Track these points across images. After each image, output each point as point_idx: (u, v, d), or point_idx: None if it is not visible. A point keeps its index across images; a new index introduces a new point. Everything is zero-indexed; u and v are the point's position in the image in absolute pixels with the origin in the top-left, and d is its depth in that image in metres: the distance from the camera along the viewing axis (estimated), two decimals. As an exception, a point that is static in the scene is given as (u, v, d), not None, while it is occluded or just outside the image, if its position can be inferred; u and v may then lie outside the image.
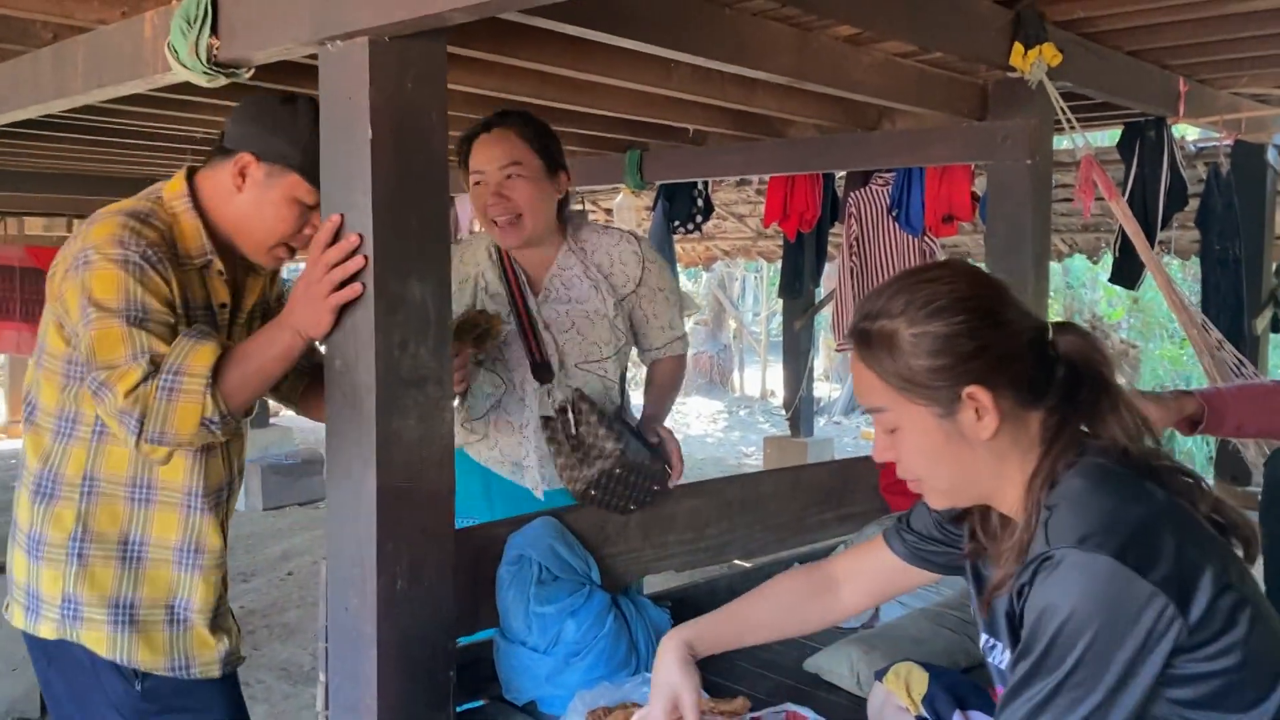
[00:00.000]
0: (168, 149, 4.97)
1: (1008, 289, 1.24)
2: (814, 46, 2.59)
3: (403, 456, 1.63)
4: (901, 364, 1.17)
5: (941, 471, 1.22)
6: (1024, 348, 1.19)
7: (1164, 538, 1.09)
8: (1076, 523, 1.11)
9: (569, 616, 1.89)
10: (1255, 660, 1.10)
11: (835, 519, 2.72)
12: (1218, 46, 3.27)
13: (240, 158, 1.74)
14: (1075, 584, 1.07)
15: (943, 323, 1.16)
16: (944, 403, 1.17)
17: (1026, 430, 1.20)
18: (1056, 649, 1.07)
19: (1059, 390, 1.21)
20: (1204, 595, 1.07)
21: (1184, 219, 4.99)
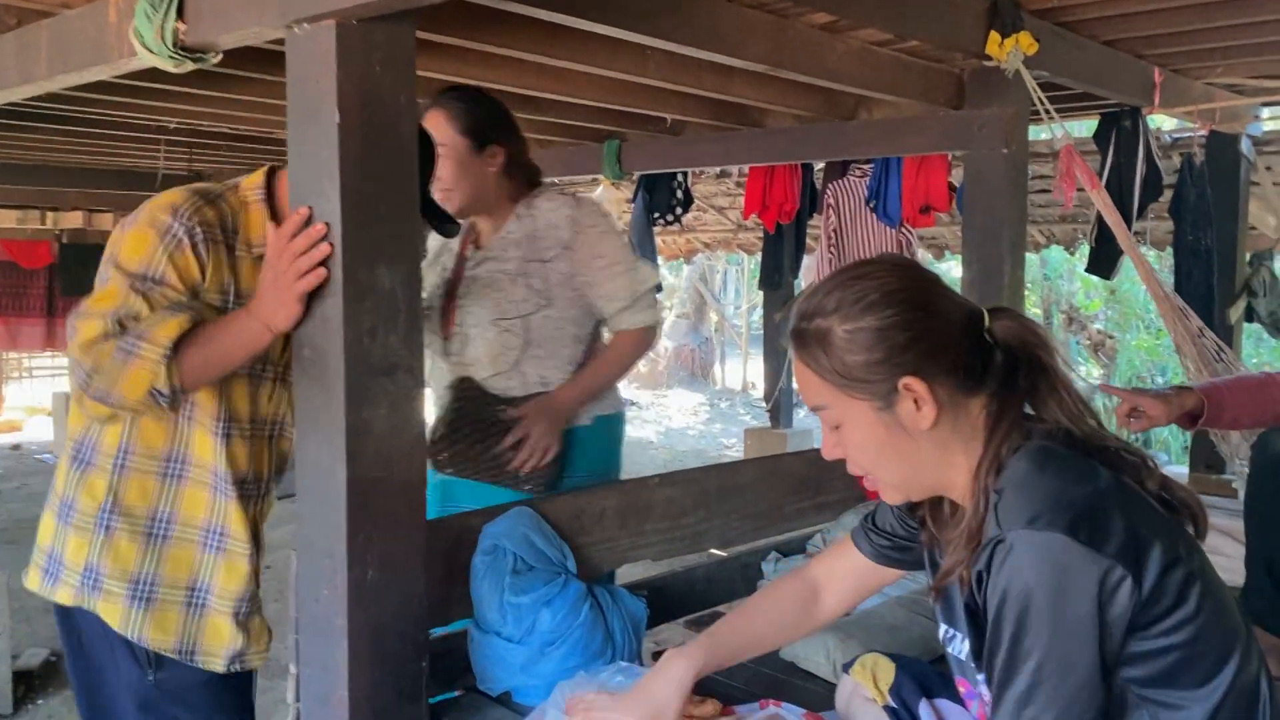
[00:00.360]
0: (141, 140, 4.92)
1: (939, 280, 1.25)
2: (790, 34, 2.57)
3: (374, 446, 1.61)
4: (837, 361, 1.19)
5: (888, 465, 1.24)
6: (958, 336, 1.20)
7: (1112, 513, 1.10)
8: (1025, 504, 1.11)
9: (544, 606, 1.88)
10: (1206, 636, 1.11)
11: (812, 507, 2.72)
12: (1192, 36, 3.28)
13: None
14: (1031, 565, 1.07)
15: (874, 317, 1.18)
16: (882, 396, 1.18)
17: (968, 417, 1.22)
18: (1027, 635, 1.08)
19: (997, 376, 1.22)
20: (1154, 568, 1.09)
21: (1159, 210, 5.01)
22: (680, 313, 14.99)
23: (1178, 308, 3.22)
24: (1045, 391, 1.22)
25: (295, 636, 1.69)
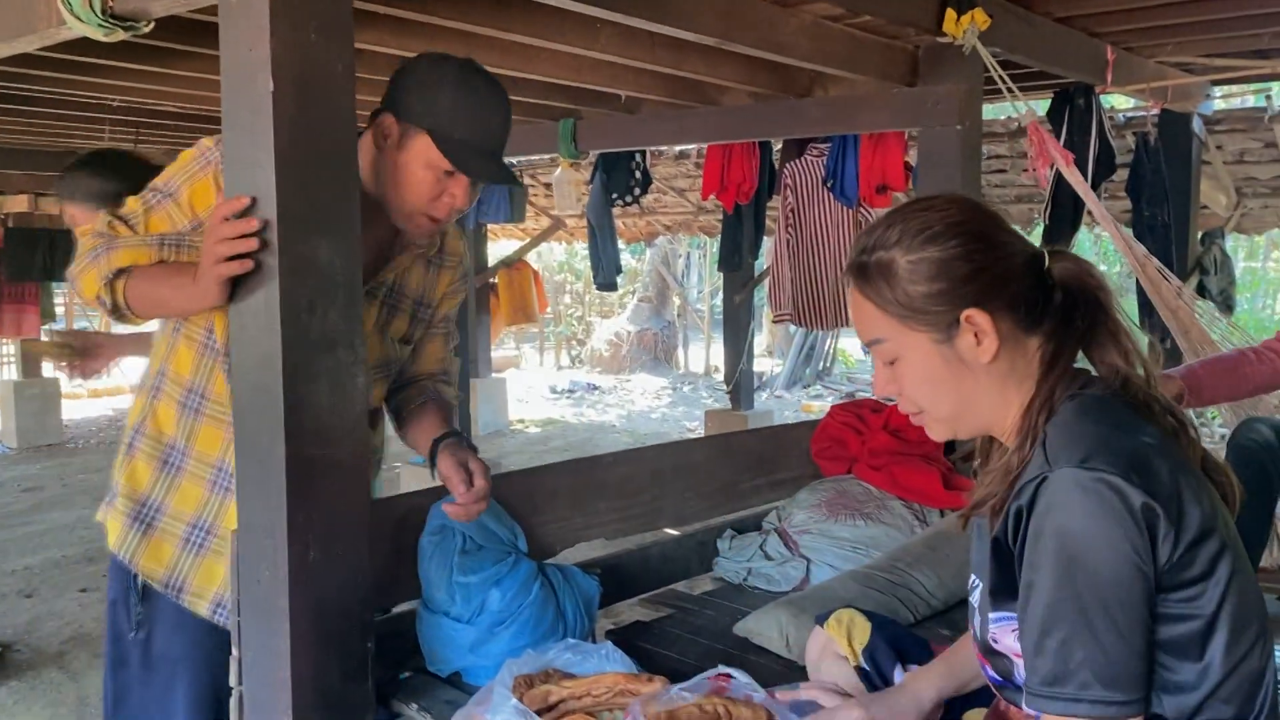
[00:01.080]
0: (85, 119, 4.81)
1: (1001, 217, 1.23)
2: (742, 7, 2.55)
3: (313, 424, 1.58)
4: (899, 291, 1.18)
5: (943, 399, 1.21)
6: (1020, 271, 1.18)
7: (1161, 466, 1.08)
8: (1076, 445, 1.09)
9: (493, 585, 1.85)
10: (1228, 613, 1.09)
11: (767, 485, 2.71)
12: (1144, 14, 3.31)
13: (382, 117, 1.72)
14: (1080, 504, 1.05)
15: (938, 248, 1.16)
16: (943, 327, 1.17)
17: (1025, 355, 1.20)
18: (1075, 578, 1.05)
19: (1056, 315, 1.19)
20: (1191, 529, 1.07)
21: (1114, 190, 5.06)
22: (642, 296, 14.96)
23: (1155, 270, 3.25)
24: (1103, 335, 1.20)
25: (236, 618, 1.65)
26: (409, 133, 1.70)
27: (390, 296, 1.89)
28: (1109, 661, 1.04)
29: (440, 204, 1.74)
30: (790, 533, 2.54)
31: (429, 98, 1.69)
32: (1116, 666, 1.05)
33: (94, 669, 4.03)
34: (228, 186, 1.61)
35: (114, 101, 4.18)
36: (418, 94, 1.70)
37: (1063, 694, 1.06)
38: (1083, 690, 1.05)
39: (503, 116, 1.75)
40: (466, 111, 1.70)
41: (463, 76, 1.72)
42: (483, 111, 1.71)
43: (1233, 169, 5.14)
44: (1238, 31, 3.54)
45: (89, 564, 5.41)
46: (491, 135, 1.74)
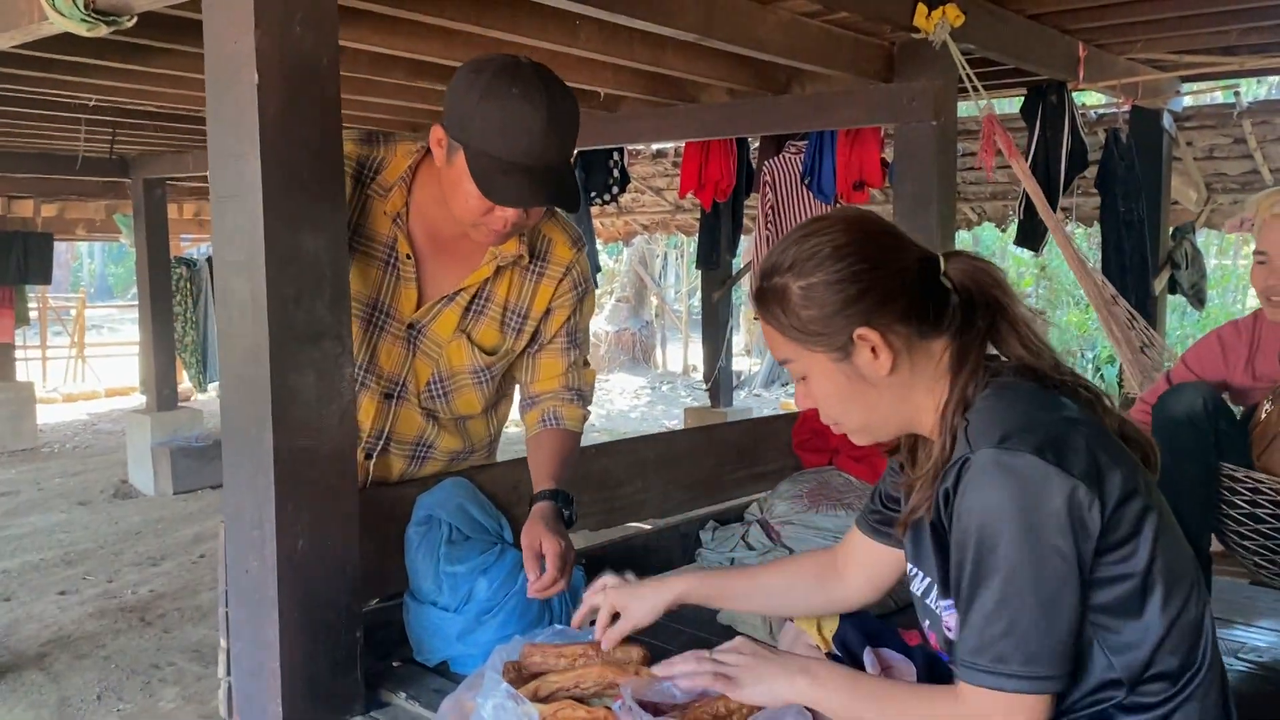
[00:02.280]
0: (60, 119, 4.78)
1: (890, 230, 1.26)
2: (720, 3, 2.58)
3: (301, 415, 1.59)
4: (794, 316, 1.23)
5: (852, 412, 1.27)
6: (910, 283, 1.22)
7: (1077, 439, 1.12)
8: (994, 427, 1.13)
9: (480, 575, 1.86)
10: (1158, 568, 1.13)
11: (748, 476, 2.74)
12: (1114, 11, 3.36)
13: (435, 128, 1.66)
14: (999, 483, 1.09)
15: (824, 273, 1.21)
16: (838, 347, 1.22)
17: (930, 360, 1.24)
18: (991, 553, 1.09)
19: (955, 317, 1.23)
20: (1114, 494, 1.11)
21: (1086, 185, 5.13)
22: (620, 297, 14.98)
23: (1097, 280, 3.29)
24: (1005, 330, 1.24)
25: (224, 609, 1.66)
26: (453, 147, 1.63)
27: (476, 302, 1.87)
28: (1026, 637, 1.08)
29: (494, 218, 1.67)
30: (772, 523, 2.57)
31: (462, 109, 1.59)
32: (1033, 643, 1.08)
33: (75, 670, 4.01)
34: (212, 179, 1.62)
35: (90, 101, 4.16)
36: (455, 105, 1.61)
37: (980, 665, 1.10)
38: (998, 663, 1.09)
39: (539, 127, 1.57)
40: (495, 124, 1.57)
41: (494, 84, 1.57)
42: (514, 123, 1.56)
43: (1203, 165, 5.21)
44: (1206, 29, 3.60)
45: (67, 567, 5.38)
46: (527, 148, 1.58)
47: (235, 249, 1.57)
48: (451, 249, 1.83)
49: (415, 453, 1.97)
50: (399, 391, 1.89)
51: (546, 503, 1.84)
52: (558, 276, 1.91)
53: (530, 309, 1.92)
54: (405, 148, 1.80)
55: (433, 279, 1.84)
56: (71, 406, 11.14)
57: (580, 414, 2.00)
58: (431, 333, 1.87)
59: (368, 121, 4.97)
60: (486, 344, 1.91)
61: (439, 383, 1.91)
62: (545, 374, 1.98)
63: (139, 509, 6.54)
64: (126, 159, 6.63)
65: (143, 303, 7.29)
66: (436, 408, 1.94)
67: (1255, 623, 2.26)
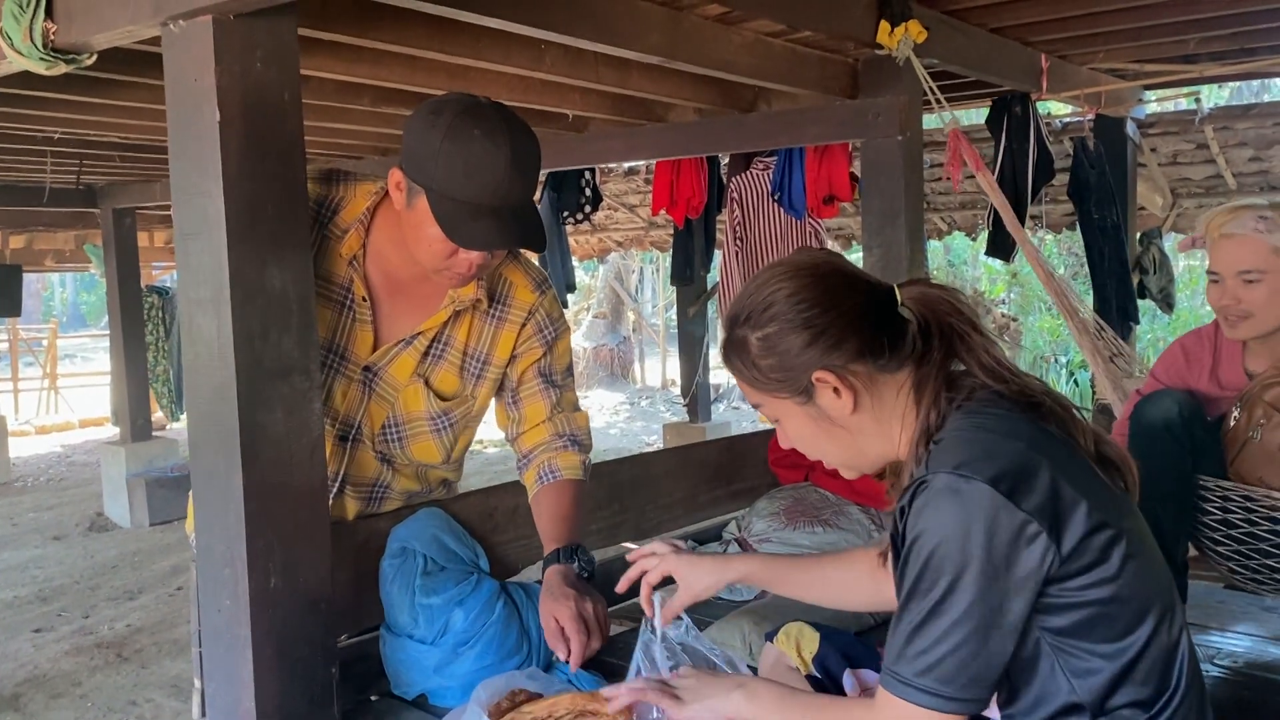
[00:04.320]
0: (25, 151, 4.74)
1: (839, 270, 1.28)
2: (684, 26, 2.59)
3: (270, 451, 1.58)
4: (754, 367, 1.27)
5: (828, 450, 1.31)
6: (862, 321, 1.24)
7: (1040, 470, 1.12)
8: (954, 452, 1.15)
9: (456, 606, 1.85)
10: (1125, 596, 1.14)
11: (727, 495, 2.74)
12: (1075, 23, 3.40)
13: (393, 172, 1.63)
14: (948, 508, 1.11)
15: (778, 322, 1.25)
16: (801, 390, 1.25)
17: (897, 391, 1.26)
18: (930, 572, 1.11)
19: (915, 346, 1.25)
20: (1077, 528, 1.12)
21: (1055, 193, 5.18)
22: (597, 313, 14.99)
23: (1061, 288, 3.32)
24: (964, 353, 1.25)
25: (198, 649, 1.64)
26: (414, 191, 1.60)
27: (434, 347, 1.84)
28: (946, 658, 1.10)
29: (458, 261, 1.65)
30: (750, 542, 2.57)
31: (423, 153, 1.56)
32: (952, 664, 1.10)
33: (51, 710, 3.96)
34: (176, 217, 1.61)
35: (55, 134, 4.13)
36: (414, 148, 1.58)
37: (899, 675, 1.13)
38: (916, 678, 1.12)
39: (503, 168, 1.55)
40: (459, 167, 1.54)
41: (455, 126, 1.54)
42: (479, 166, 1.54)
43: (1167, 170, 5.28)
44: (1165, 38, 3.65)
45: (42, 604, 5.31)
46: (494, 191, 1.56)
47: (200, 286, 1.57)
48: (409, 292, 1.81)
49: (372, 494, 1.95)
50: (354, 434, 1.86)
51: (551, 569, 1.82)
52: (520, 321, 1.88)
53: (491, 354, 1.89)
54: (365, 188, 1.77)
55: (389, 322, 1.82)
56: (45, 439, 11.02)
57: (578, 459, 1.95)
58: (388, 376, 1.84)
59: (337, 148, 4.96)
60: (445, 390, 1.88)
61: (394, 427, 1.88)
62: (530, 422, 1.95)
63: (115, 542, 6.47)
64: (94, 189, 6.59)
65: (114, 333, 7.23)
66: (391, 452, 1.90)
67: (1230, 628, 2.28)
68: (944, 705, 1.11)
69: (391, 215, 1.73)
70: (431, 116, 1.58)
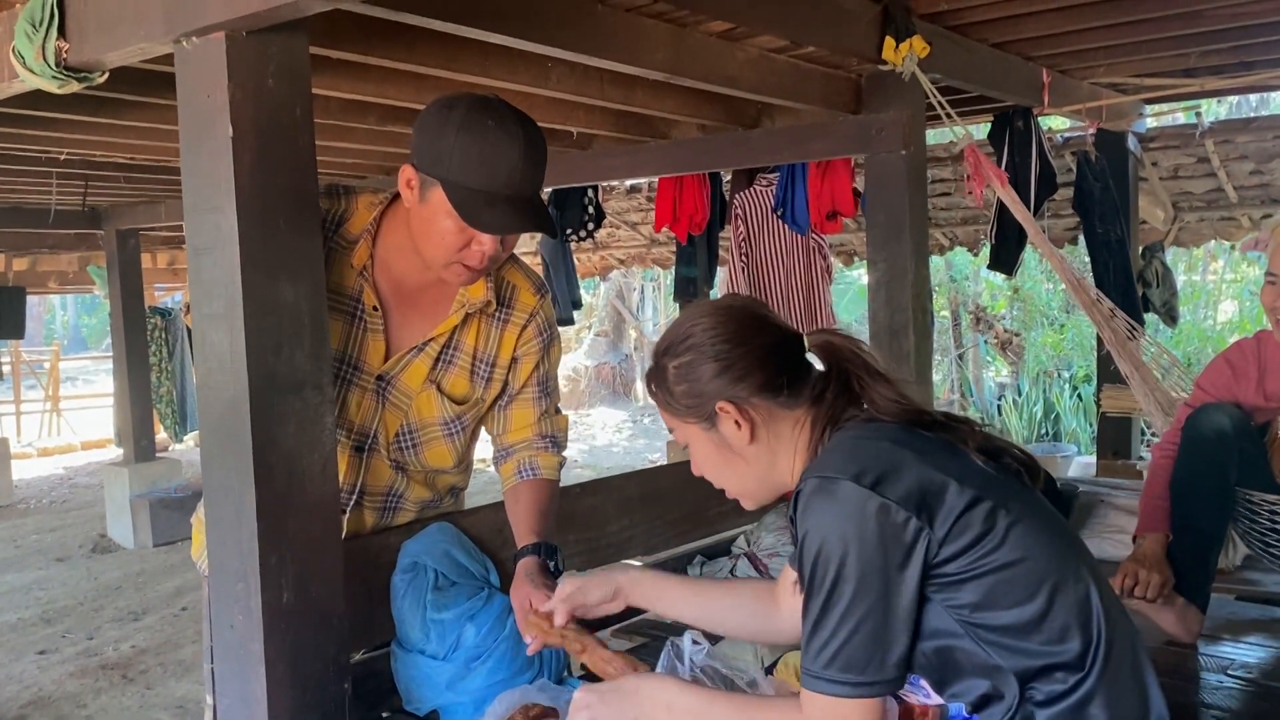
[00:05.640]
0: (31, 173, 4.76)
1: (754, 315, 1.40)
2: (689, 42, 2.60)
3: (283, 466, 1.58)
4: (668, 392, 1.40)
5: (728, 478, 1.43)
6: (766, 359, 1.36)
7: (903, 462, 1.22)
8: (823, 461, 1.27)
9: (468, 621, 1.85)
10: (1019, 559, 1.21)
11: (734, 510, 2.70)
12: (1076, 37, 3.41)
13: (404, 169, 1.66)
14: (821, 509, 1.20)
15: (691, 354, 1.37)
16: (705, 417, 1.37)
17: (794, 426, 1.37)
18: (817, 570, 1.20)
19: (815, 388, 1.37)
20: (951, 507, 1.20)
21: (1057, 208, 5.19)
22: (599, 331, 14.99)
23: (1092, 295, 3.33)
24: (862, 390, 1.35)
25: (210, 666, 1.64)
26: (427, 184, 1.63)
27: (445, 352, 1.87)
28: (849, 645, 1.18)
29: (470, 253, 1.67)
30: (759, 556, 2.57)
31: (438, 145, 1.60)
32: (852, 650, 1.18)
33: (55, 732, 3.93)
34: (189, 232, 1.62)
35: (62, 155, 4.15)
36: (428, 142, 1.62)
37: (813, 671, 1.20)
38: (825, 669, 1.19)
39: (517, 156, 1.60)
40: (474, 157, 1.58)
41: (469, 119, 1.59)
42: (494, 155, 1.59)
43: (1168, 184, 5.29)
44: (1166, 52, 3.66)
45: (46, 625, 5.29)
46: (507, 178, 1.60)
47: (213, 301, 1.57)
48: (417, 299, 1.83)
49: (386, 504, 1.95)
50: (369, 444, 1.87)
51: (530, 558, 1.84)
52: (521, 323, 1.92)
53: (497, 356, 1.91)
54: (367, 199, 1.80)
55: (400, 330, 1.84)
56: (47, 461, 11.00)
57: (556, 461, 2.00)
58: (401, 384, 1.86)
59: (342, 168, 4.98)
60: (456, 394, 1.90)
61: (408, 434, 1.90)
62: (517, 424, 1.98)
63: (118, 563, 6.45)
64: (98, 210, 6.60)
65: (117, 354, 7.24)
66: (405, 460, 1.92)
67: (1243, 639, 2.28)
68: (855, 691, 1.18)
69: (397, 224, 1.77)
70: (445, 110, 1.63)
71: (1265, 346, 2.27)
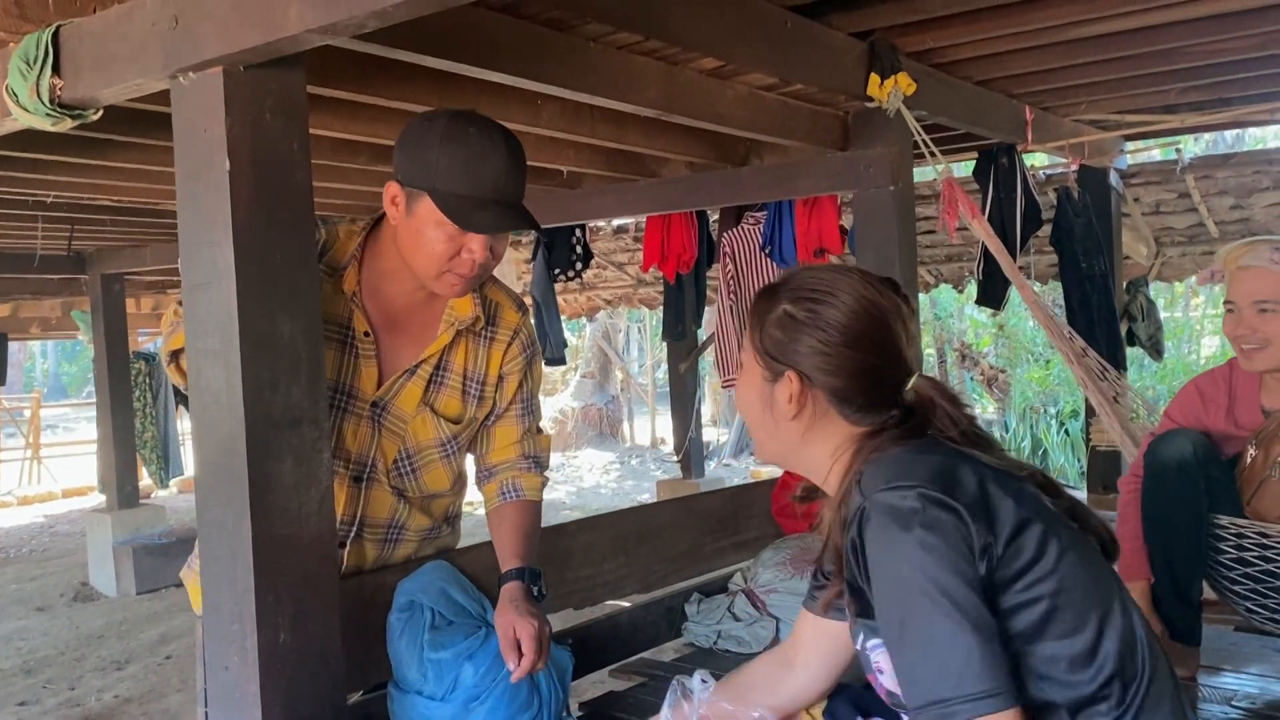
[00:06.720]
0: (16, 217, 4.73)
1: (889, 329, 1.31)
2: (680, 80, 2.63)
3: (280, 502, 1.56)
4: (763, 323, 1.35)
5: (755, 420, 1.39)
6: (861, 376, 1.30)
7: (962, 471, 1.19)
8: (883, 474, 1.21)
9: (466, 660, 1.82)
10: (1070, 587, 1.17)
11: (730, 546, 2.71)
12: (1057, 75, 3.46)
13: (389, 186, 1.70)
14: (892, 522, 1.15)
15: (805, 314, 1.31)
16: (772, 371, 1.34)
17: (840, 433, 1.32)
18: (906, 591, 1.13)
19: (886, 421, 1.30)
20: (1007, 523, 1.16)
21: (1040, 244, 5.24)
22: (585, 372, 14.98)
23: (1065, 332, 3.33)
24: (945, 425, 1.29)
25: (204, 709, 1.60)
26: (413, 197, 1.67)
27: (437, 373, 1.88)
28: (966, 660, 1.10)
29: (461, 261, 1.70)
30: (757, 592, 2.54)
31: (423, 158, 1.65)
32: (974, 663, 1.10)
33: (36, 786, 3.84)
34: (184, 268, 1.60)
35: (49, 197, 4.13)
36: (412, 155, 1.67)
37: (940, 700, 1.11)
38: (957, 689, 1.10)
39: (502, 161, 1.66)
40: (460, 164, 1.63)
41: (451, 129, 1.65)
42: (477, 161, 1.64)
43: (1150, 220, 5.35)
44: (1146, 89, 3.72)
45: (26, 676, 5.18)
46: (493, 183, 1.65)
47: (209, 337, 1.56)
48: (405, 323, 1.85)
49: (388, 535, 1.93)
50: (368, 473, 1.86)
51: (514, 583, 1.83)
52: (506, 340, 1.94)
53: (486, 374, 1.93)
54: (345, 229, 1.83)
55: (391, 355, 1.85)
56: (27, 509, 10.85)
57: (539, 481, 2.01)
58: (395, 409, 1.86)
59: (331, 208, 4.98)
60: (450, 414, 1.91)
61: (406, 459, 1.90)
62: (500, 443, 1.99)
63: (100, 611, 6.34)
64: (83, 255, 6.57)
65: (101, 399, 7.17)
66: (405, 485, 1.91)
67: (1244, 669, 2.26)
68: (997, 704, 1.09)
69: (381, 248, 1.79)
70: (426, 124, 1.69)
71: (1237, 373, 2.23)
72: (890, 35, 2.89)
